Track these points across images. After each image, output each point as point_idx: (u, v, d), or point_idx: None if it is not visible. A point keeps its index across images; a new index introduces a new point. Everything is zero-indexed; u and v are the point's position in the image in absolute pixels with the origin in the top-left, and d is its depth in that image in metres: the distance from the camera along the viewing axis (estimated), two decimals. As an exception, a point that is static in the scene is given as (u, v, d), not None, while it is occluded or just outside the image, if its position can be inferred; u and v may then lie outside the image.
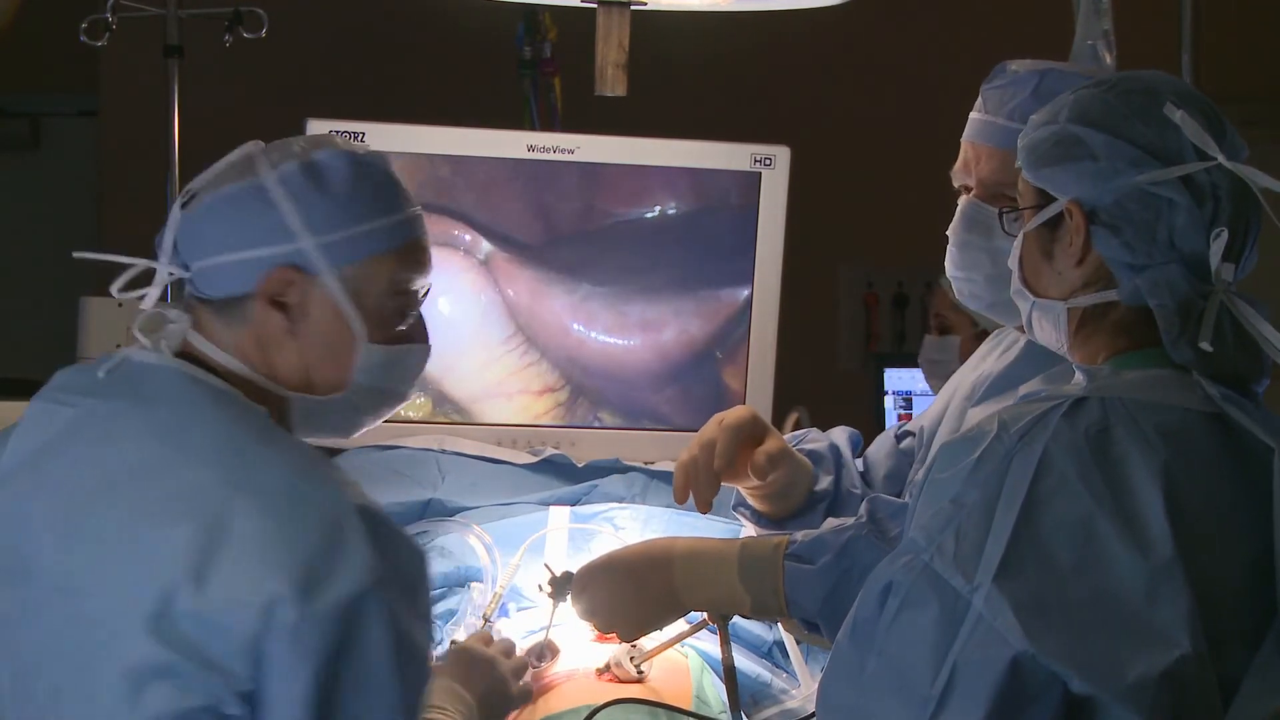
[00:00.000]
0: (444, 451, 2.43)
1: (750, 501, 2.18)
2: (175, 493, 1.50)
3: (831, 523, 1.91)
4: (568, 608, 1.98)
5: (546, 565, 2.01)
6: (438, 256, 1.73)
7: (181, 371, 1.60)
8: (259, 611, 1.43)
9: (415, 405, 2.56)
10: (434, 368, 2.28)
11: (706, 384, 2.61)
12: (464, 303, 2.55)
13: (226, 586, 1.44)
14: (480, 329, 2.56)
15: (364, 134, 2.44)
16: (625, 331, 2.59)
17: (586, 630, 2.04)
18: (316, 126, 2.43)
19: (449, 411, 2.57)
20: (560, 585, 1.97)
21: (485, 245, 2.55)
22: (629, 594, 1.92)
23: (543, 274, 2.57)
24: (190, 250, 1.64)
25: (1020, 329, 1.99)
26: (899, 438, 2.27)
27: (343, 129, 2.43)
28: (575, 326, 2.59)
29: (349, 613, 1.45)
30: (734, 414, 2.13)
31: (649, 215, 2.58)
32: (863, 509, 1.89)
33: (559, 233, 2.56)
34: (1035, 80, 1.99)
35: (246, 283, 1.62)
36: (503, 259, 2.55)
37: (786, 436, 2.21)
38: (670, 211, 2.58)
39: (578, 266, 2.57)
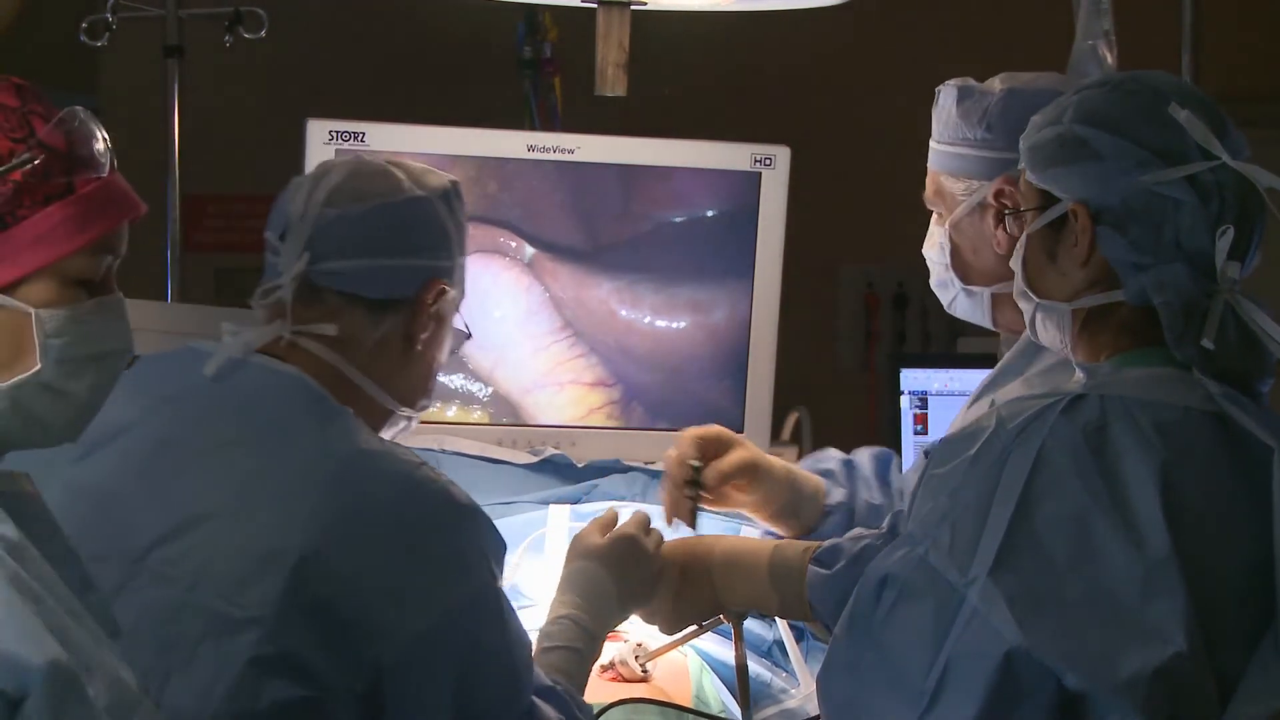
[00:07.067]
0: (444, 451, 2.43)
1: (769, 526, 2.22)
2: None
3: (857, 532, 1.95)
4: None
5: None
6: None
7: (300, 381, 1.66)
8: None
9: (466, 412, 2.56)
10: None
11: (706, 384, 2.60)
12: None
13: None
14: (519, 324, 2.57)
15: (364, 134, 2.43)
16: (626, 328, 2.59)
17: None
18: (316, 126, 2.42)
19: (499, 411, 2.56)
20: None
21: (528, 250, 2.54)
22: (673, 591, 1.98)
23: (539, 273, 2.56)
24: (337, 249, 1.71)
25: (998, 332, 2.11)
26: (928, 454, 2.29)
27: (343, 129, 2.43)
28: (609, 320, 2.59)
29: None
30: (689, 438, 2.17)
31: (649, 216, 2.57)
32: (886, 521, 1.95)
33: (557, 234, 2.55)
34: (954, 95, 2.04)
35: (408, 287, 1.72)
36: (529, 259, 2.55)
37: (805, 459, 2.27)
38: (671, 213, 2.57)
39: (577, 266, 2.56)
